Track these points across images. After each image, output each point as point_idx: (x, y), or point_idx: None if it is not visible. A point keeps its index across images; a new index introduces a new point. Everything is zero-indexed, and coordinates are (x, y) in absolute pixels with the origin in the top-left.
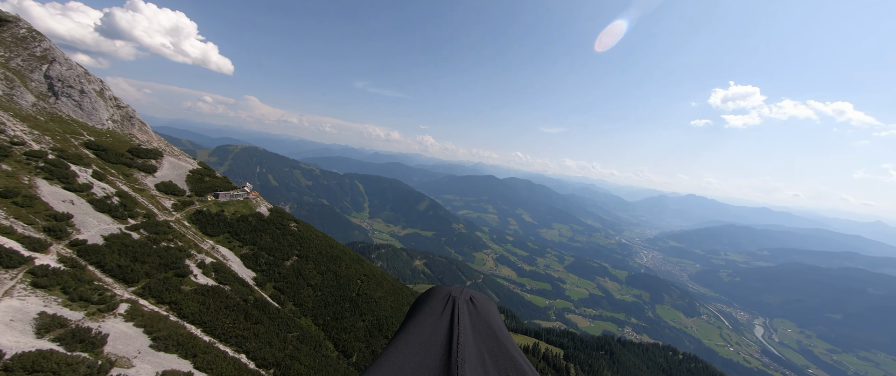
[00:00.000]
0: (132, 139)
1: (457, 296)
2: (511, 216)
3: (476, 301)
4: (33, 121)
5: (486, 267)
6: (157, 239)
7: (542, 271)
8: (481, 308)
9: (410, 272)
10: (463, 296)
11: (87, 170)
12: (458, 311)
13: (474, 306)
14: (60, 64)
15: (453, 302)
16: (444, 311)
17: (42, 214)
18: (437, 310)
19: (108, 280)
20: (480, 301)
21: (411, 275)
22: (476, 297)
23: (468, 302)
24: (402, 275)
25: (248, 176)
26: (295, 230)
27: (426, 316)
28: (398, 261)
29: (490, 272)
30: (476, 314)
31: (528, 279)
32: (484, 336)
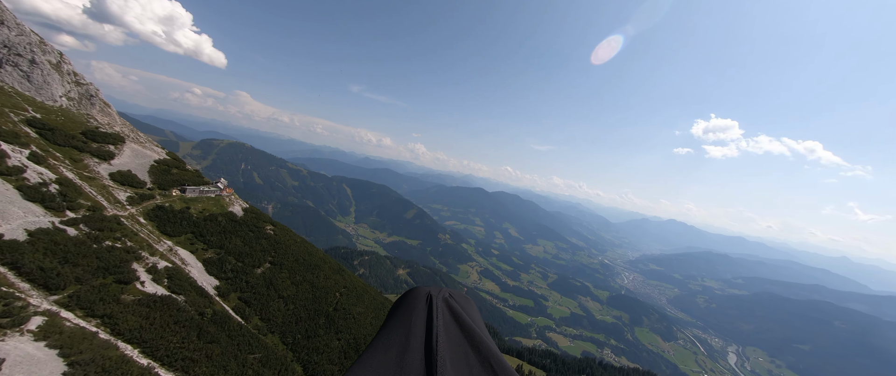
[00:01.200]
0: (89, 120)
1: (435, 295)
2: (498, 230)
3: (455, 299)
4: None
5: (469, 279)
6: (100, 237)
7: (526, 287)
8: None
9: (393, 281)
10: (441, 295)
11: (24, 152)
12: (437, 310)
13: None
14: (9, 28)
15: (432, 301)
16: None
17: None
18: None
19: (22, 286)
20: (459, 299)
21: (394, 285)
22: (455, 295)
23: (447, 301)
24: (384, 283)
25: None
26: (271, 233)
27: (406, 316)
28: (381, 270)
29: (474, 285)
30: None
31: (511, 294)
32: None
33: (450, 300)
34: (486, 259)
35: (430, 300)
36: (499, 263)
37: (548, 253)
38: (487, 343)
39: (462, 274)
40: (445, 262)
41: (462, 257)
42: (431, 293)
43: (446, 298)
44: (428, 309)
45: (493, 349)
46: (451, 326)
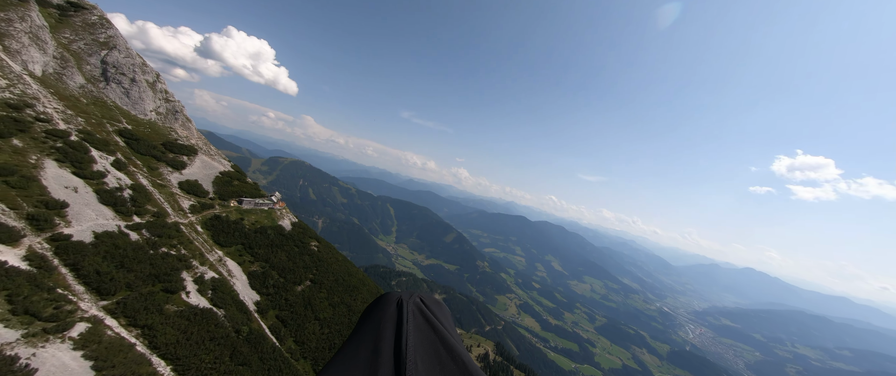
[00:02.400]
0: (170, 133)
1: (406, 300)
2: (539, 261)
3: (426, 303)
4: (73, 102)
5: (508, 312)
6: (158, 243)
7: (570, 328)
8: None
9: None
10: (413, 300)
11: (109, 158)
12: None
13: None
14: (119, 51)
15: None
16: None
17: (33, 199)
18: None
19: (78, 288)
20: (431, 303)
21: None
22: (426, 299)
23: (417, 306)
24: None
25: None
26: (314, 250)
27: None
28: None
29: (512, 319)
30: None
31: (552, 335)
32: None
33: (421, 304)
34: (526, 292)
35: (401, 305)
36: (540, 298)
37: (595, 292)
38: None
39: (500, 305)
40: (483, 291)
41: (500, 287)
42: (402, 297)
43: (417, 303)
44: (398, 313)
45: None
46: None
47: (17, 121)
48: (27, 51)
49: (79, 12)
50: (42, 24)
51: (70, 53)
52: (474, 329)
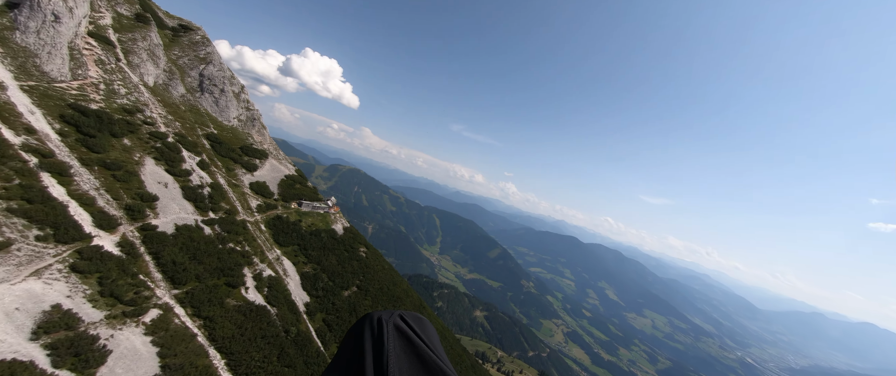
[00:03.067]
0: (248, 138)
1: (386, 319)
2: (591, 288)
3: (407, 320)
4: (174, 109)
5: (553, 339)
6: (227, 238)
7: (626, 366)
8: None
9: (469, 322)
10: (393, 319)
11: (196, 159)
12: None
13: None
14: (214, 66)
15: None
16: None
17: (132, 191)
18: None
19: (156, 275)
20: (412, 321)
21: (469, 326)
22: (407, 317)
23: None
24: (460, 323)
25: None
26: (363, 256)
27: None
28: (458, 307)
29: (558, 347)
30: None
31: (604, 371)
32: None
33: (400, 323)
34: (575, 319)
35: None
36: (591, 328)
37: (658, 329)
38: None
39: (545, 330)
40: (527, 313)
41: (546, 311)
42: (382, 317)
43: (397, 322)
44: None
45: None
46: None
47: (129, 124)
48: (144, 64)
49: (187, 33)
50: (158, 42)
51: (176, 67)
52: (516, 353)
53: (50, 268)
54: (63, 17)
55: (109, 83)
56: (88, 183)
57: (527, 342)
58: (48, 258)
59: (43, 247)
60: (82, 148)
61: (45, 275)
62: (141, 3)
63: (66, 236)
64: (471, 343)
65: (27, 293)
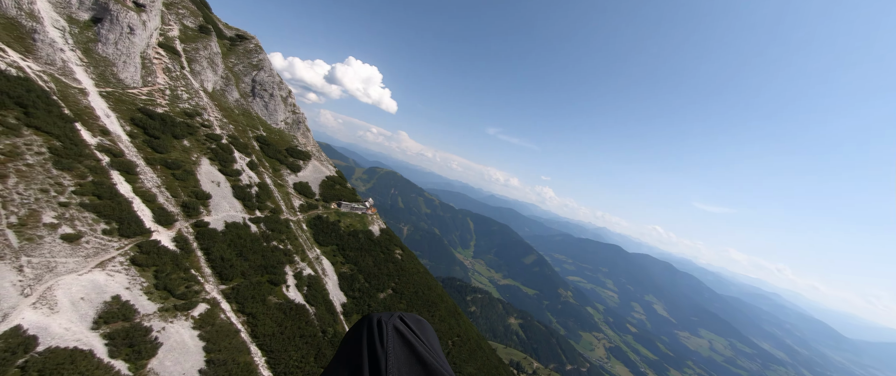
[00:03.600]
0: (293, 140)
1: (385, 321)
2: (637, 301)
3: (407, 322)
4: (229, 113)
5: (594, 354)
6: (271, 237)
7: None
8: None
9: (503, 329)
10: (392, 321)
11: (246, 159)
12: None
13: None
14: (265, 72)
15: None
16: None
17: (189, 189)
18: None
19: (206, 270)
20: (412, 322)
21: (503, 333)
22: (407, 319)
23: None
24: (494, 329)
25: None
26: (399, 258)
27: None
28: (492, 313)
29: (599, 362)
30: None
31: None
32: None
33: (400, 325)
34: (618, 333)
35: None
36: (636, 345)
37: (716, 351)
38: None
39: (585, 343)
40: (564, 324)
41: (586, 323)
42: (382, 318)
43: (397, 324)
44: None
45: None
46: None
47: (189, 126)
48: (205, 72)
49: (242, 42)
50: (217, 50)
51: (232, 74)
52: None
53: (113, 260)
54: (137, 29)
55: (174, 89)
56: (151, 180)
57: (564, 354)
58: (112, 251)
59: (108, 240)
60: (148, 148)
61: (109, 267)
62: (204, 15)
63: (129, 230)
64: (505, 351)
65: (92, 284)
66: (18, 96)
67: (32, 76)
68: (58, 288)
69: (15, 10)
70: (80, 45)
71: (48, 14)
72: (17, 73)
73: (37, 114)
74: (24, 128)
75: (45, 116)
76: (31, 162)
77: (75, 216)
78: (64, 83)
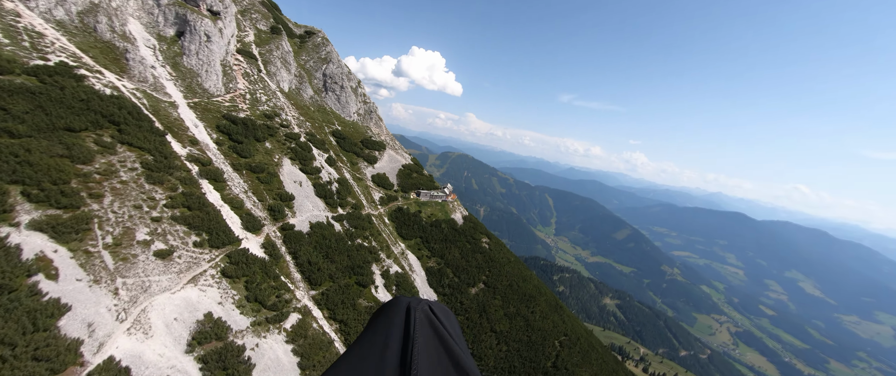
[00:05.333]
0: (367, 131)
1: (415, 307)
2: (773, 278)
3: (435, 311)
4: (305, 110)
5: (715, 339)
6: (355, 234)
7: None
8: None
9: (597, 310)
10: (422, 307)
11: (324, 155)
12: (415, 321)
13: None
14: (333, 64)
15: (411, 313)
16: (402, 321)
17: (273, 192)
18: (394, 320)
19: (296, 275)
20: (438, 312)
21: (598, 314)
22: (435, 308)
23: (426, 314)
24: (587, 310)
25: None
26: (486, 247)
27: (383, 327)
28: (584, 293)
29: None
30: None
31: None
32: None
33: (429, 313)
34: (748, 317)
35: (410, 311)
36: (776, 330)
37: None
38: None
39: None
40: (672, 305)
41: (701, 304)
42: (411, 304)
43: (425, 310)
44: (407, 320)
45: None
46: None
47: (269, 128)
48: (279, 72)
49: (310, 37)
50: (288, 49)
51: (304, 71)
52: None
53: (205, 274)
54: (213, 36)
55: (253, 93)
56: (238, 186)
57: (676, 339)
58: (203, 263)
59: (199, 252)
60: (233, 154)
61: (201, 282)
62: (274, 17)
63: (218, 241)
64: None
65: (185, 302)
66: (111, 114)
67: (126, 94)
68: (152, 310)
69: (109, 33)
70: (168, 60)
71: (140, 34)
72: (111, 92)
73: (129, 130)
74: (118, 145)
75: (137, 132)
76: (125, 178)
77: (167, 230)
78: (155, 98)
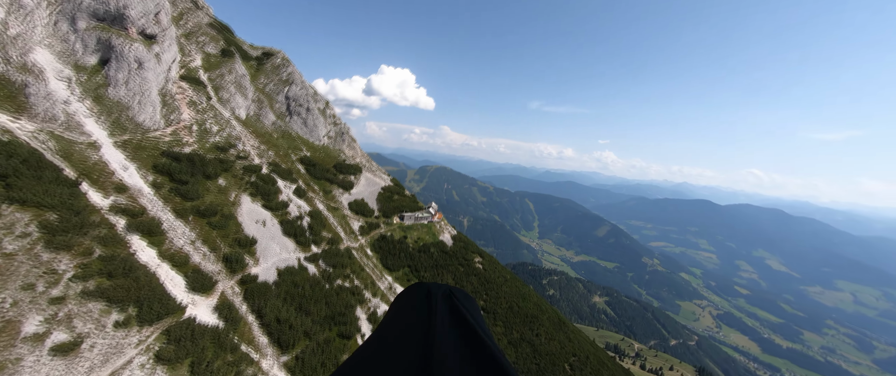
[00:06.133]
0: (340, 154)
1: (435, 291)
2: (743, 259)
3: (456, 297)
4: (267, 138)
5: (700, 324)
6: (334, 275)
7: (820, 356)
8: (461, 304)
9: (588, 309)
10: (443, 293)
11: (292, 186)
12: (438, 306)
13: (454, 302)
14: (296, 85)
15: (432, 298)
16: (424, 306)
17: (229, 238)
18: (416, 305)
19: (261, 340)
20: (461, 297)
21: (590, 314)
22: (456, 293)
23: (448, 298)
24: (578, 311)
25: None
26: (480, 268)
27: (405, 312)
28: (573, 294)
29: (707, 332)
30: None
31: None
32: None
33: (451, 297)
34: (726, 298)
35: (432, 296)
36: (752, 308)
37: (864, 305)
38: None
39: (686, 314)
40: (656, 295)
41: (683, 291)
42: (431, 289)
43: (447, 295)
44: (429, 304)
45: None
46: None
47: (223, 162)
48: (234, 98)
49: (268, 58)
50: (244, 72)
51: (264, 95)
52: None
53: (130, 364)
54: (147, 62)
55: (202, 123)
56: (183, 237)
57: (665, 329)
58: (129, 350)
59: (124, 335)
60: (176, 198)
61: None
62: (225, 39)
63: (152, 314)
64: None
65: None
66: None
67: (22, 138)
68: None
69: (2, 65)
70: (89, 93)
71: (51, 65)
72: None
73: (22, 183)
74: (2, 205)
75: (34, 185)
76: (10, 249)
77: (75, 312)
78: (67, 140)
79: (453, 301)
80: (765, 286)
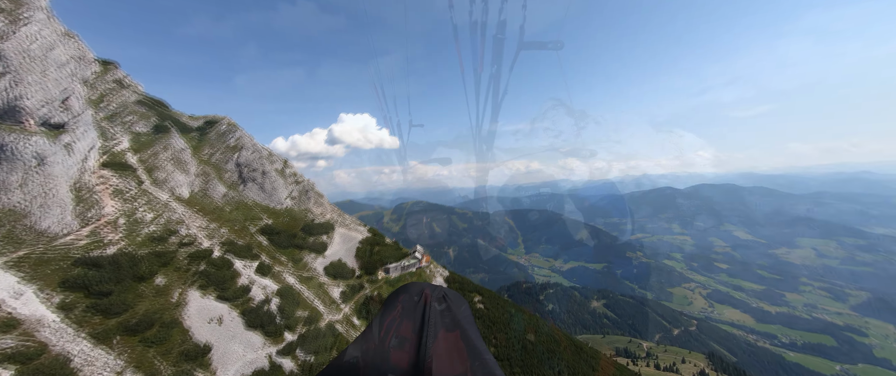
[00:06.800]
0: (307, 214)
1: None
2: (713, 235)
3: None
4: (218, 213)
5: (693, 307)
6: (316, 364)
7: (805, 314)
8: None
9: (590, 316)
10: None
11: (253, 264)
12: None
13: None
14: (247, 150)
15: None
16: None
17: (174, 353)
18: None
19: None
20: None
21: (592, 321)
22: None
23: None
24: (580, 321)
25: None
26: (481, 308)
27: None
28: (571, 303)
29: (703, 314)
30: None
31: (779, 327)
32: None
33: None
34: (709, 276)
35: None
36: (735, 281)
37: (827, 256)
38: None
39: (679, 299)
40: (648, 286)
41: (670, 278)
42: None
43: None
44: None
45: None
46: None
47: (161, 255)
48: (172, 176)
49: (213, 127)
50: (183, 146)
51: (210, 166)
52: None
53: None
54: (53, 156)
55: (131, 213)
56: (105, 369)
57: (665, 320)
58: None
59: None
60: (94, 318)
61: None
62: (158, 114)
63: None
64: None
65: None
66: None
67: None
68: None
69: None
70: None
71: None
72: None
73: None
74: None
75: None
76: None
77: None
78: None
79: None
80: (740, 257)
